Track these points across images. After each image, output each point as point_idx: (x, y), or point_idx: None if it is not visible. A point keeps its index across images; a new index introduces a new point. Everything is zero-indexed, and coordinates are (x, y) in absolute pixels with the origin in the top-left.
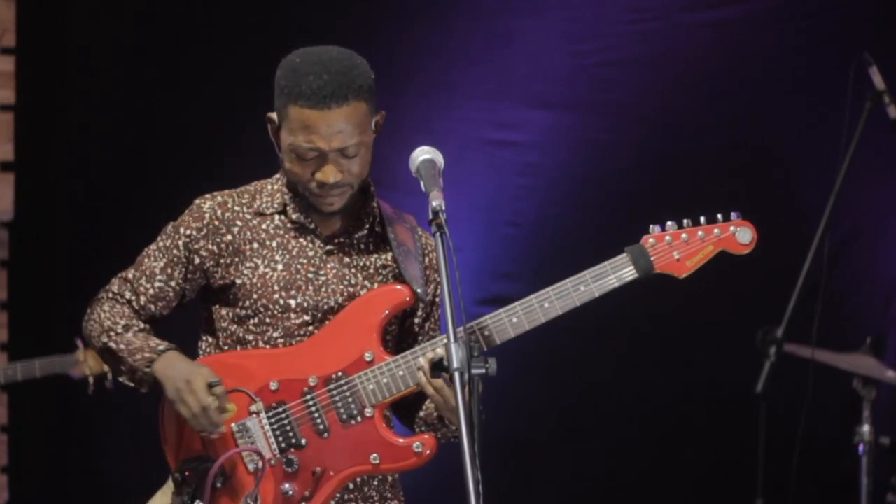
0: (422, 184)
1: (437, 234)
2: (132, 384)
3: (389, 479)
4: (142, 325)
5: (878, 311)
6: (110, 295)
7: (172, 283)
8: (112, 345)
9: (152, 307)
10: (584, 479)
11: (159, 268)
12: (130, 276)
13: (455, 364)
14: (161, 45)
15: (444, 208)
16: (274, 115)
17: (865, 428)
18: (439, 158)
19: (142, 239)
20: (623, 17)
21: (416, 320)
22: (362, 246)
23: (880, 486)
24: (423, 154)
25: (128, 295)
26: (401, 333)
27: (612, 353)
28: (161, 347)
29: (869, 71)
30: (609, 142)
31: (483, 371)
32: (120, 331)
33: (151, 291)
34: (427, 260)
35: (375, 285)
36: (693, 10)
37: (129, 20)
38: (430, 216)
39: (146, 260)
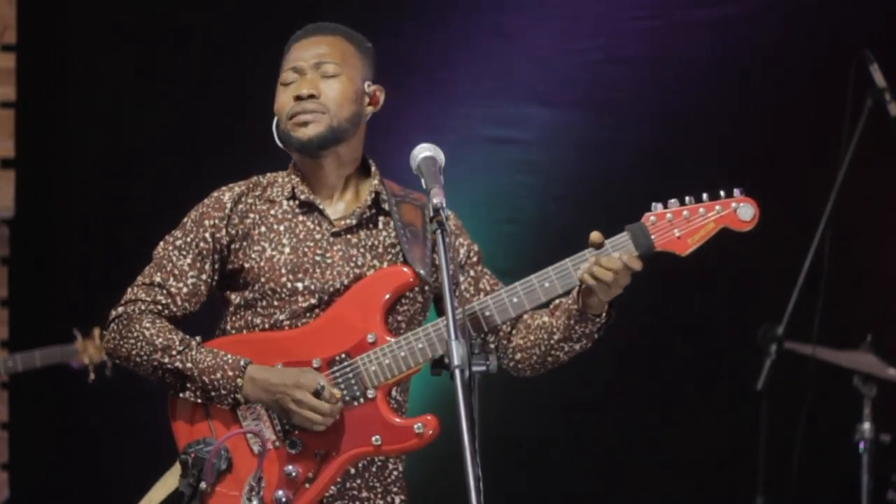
0: (422, 181)
1: (438, 231)
2: (198, 399)
3: (392, 469)
4: (197, 339)
5: (878, 308)
6: (142, 306)
7: (204, 277)
8: (178, 364)
9: (188, 305)
10: (584, 477)
11: (188, 264)
12: (157, 279)
13: (456, 361)
14: (161, 42)
15: (444, 205)
16: None
17: (866, 425)
18: (440, 156)
19: (141, 236)
20: (624, 14)
21: (464, 286)
22: (371, 225)
23: (881, 484)
24: (423, 151)
25: (162, 300)
26: (437, 311)
27: (611, 351)
28: (241, 363)
29: (870, 68)
30: (609, 139)
31: (484, 368)
32: (181, 348)
33: (185, 290)
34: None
35: (385, 264)
36: (694, 7)
37: (130, 17)
38: (431, 213)
39: (169, 260)
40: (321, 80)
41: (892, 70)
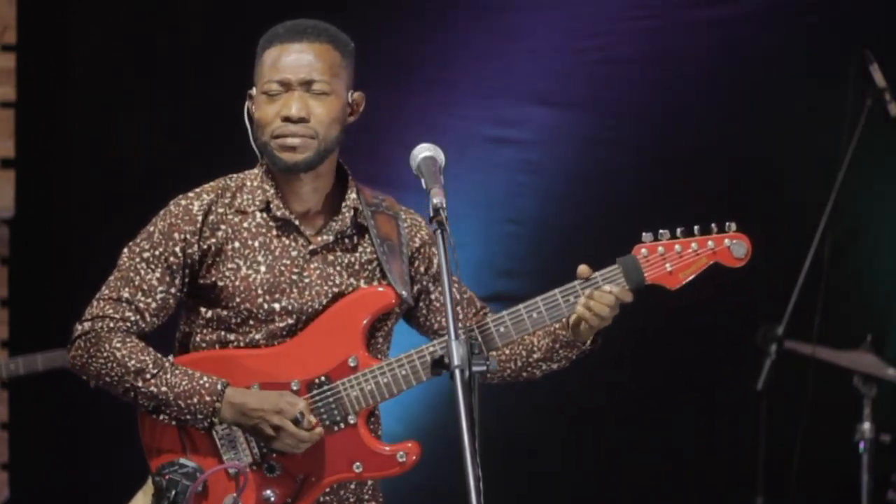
0: (423, 181)
1: (438, 231)
2: (172, 422)
3: (369, 482)
4: (170, 359)
5: (878, 308)
6: (111, 324)
7: (173, 291)
8: (153, 389)
9: (156, 320)
10: (583, 477)
11: (156, 278)
12: (125, 295)
13: (456, 361)
14: (161, 43)
15: (444, 206)
16: (253, 89)
17: (866, 425)
18: (440, 156)
19: None
20: (623, 14)
21: (420, 304)
22: (346, 241)
23: (881, 484)
24: (423, 151)
25: (131, 317)
26: (406, 318)
27: (611, 351)
28: (219, 387)
29: (870, 68)
30: (609, 139)
31: (483, 368)
32: (154, 371)
33: (154, 305)
34: (412, 246)
35: (362, 282)
36: (693, 7)
37: (129, 17)
38: (431, 213)
39: (136, 273)
40: (310, 98)
41: (892, 70)
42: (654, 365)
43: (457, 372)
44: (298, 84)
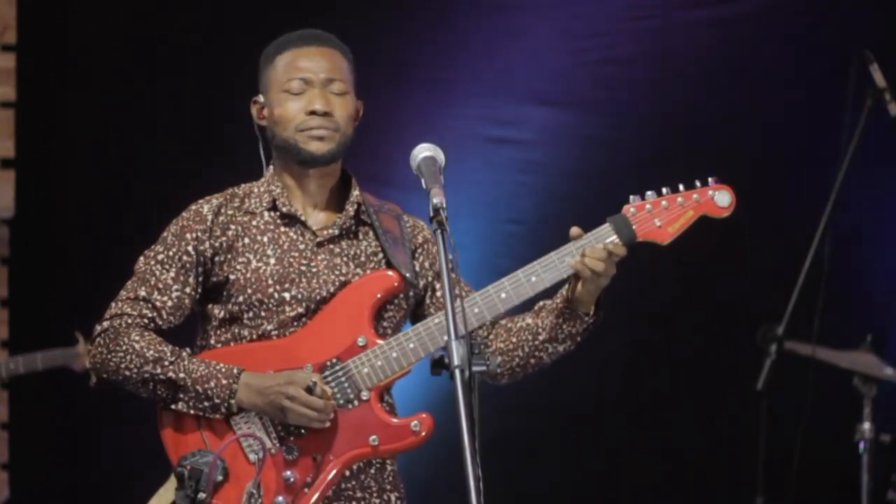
0: (422, 181)
1: (438, 231)
2: (191, 410)
3: (388, 468)
4: (187, 350)
5: (878, 308)
6: (129, 320)
7: (188, 290)
8: (171, 374)
9: (173, 319)
10: (583, 478)
11: (171, 277)
12: (142, 293)
13: (456, 361)
14: (161, 42)
15: (444, 205)
16: (259, 97)
17: (866, 425)
18: (440, 156)
19: (142, 236)
20: (623, 14)
21: (426, 301)
22: (351, 235)
23: (881, 484)
24: (423, 151)
25: (148, 314)
26: (413, 319)
27: (611, 351)
28: (235, 371)
29: (870, 68)
30: (609, 139)
31: (484, 368)
32: (172, 359)
33: (170, 303)
34: (415, 242)
35: (368, 272)
36: (693, 7)
37: (130, 17)
38: (431, 213)
39: (152, 274)
40: (330, 95)
41: (892, 70)
42: (654, 365)
43: (457, 372)
44: (320, 83)
